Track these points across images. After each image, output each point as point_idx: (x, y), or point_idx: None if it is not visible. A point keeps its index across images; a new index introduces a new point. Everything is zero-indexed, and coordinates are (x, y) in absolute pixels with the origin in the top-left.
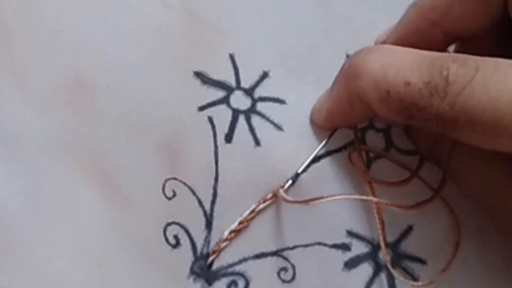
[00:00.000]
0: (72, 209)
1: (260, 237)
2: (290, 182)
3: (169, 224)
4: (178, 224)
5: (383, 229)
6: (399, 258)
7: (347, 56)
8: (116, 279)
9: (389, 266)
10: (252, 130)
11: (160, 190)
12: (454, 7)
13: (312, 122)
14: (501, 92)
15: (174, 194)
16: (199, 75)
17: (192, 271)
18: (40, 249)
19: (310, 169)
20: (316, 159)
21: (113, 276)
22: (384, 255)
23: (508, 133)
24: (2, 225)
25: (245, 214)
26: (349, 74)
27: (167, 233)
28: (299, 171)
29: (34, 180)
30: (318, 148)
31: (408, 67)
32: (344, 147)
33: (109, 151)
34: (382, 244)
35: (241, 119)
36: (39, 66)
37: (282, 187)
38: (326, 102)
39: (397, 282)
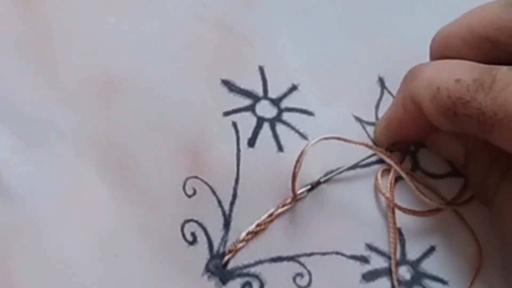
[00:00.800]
0: (92, 200)
1: (277, 240)
2: (309, 186)
3: (187, 221)
4: (196, 221)
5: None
6: (420, 277)
7: (379, 78)
8: (131, 270)
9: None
10: (276, 136)
11: (181, 188)
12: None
13: (374, 136)
14: None
15: (194, 192)
16: (226, 83)
17: (207, 269)
18: (58, 237)
19: (333, 179)
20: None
21: (128, 267)
22: (393, 260)
23: None
24: (24, 214)
25: (263, 217)
26: (407, 78)
27: (185, 230)
28: (322, 179)
29: (58, 171)
30: (345, 167)
31: (462, 68)
32: (374, 163)
33: (133, 147)
34: (393, 248)
35: (266, 126)
36: (72, 65)
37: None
38: (386, 113)
39: None
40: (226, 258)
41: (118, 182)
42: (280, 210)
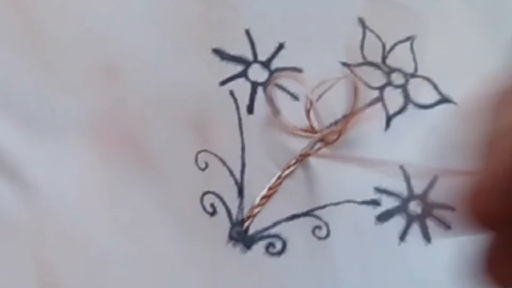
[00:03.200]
0: (113, 185)
1: (290, 200)
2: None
3: (205, 193)
4: (213, 193)
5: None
6: (430, 208)
7: (359, 19)
8: (159, 248)
9: None
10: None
11: (193, 162)
12: None
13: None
14: None
15: (207, 166)
16: (217, 51)
17: (231, 237)
18: (85, 222)
19: None
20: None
21: (156, 246)
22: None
23: None
24: (47, 203)
25: (272, 180)
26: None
27: (204, 202)
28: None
29: (74, 160)
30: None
31: None
32: (363, 108)
33: (142, 128)
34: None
35: (260, 90)
36: (71, 55)
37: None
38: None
39: (430, 230)
40: (246, 224)
41: (135, 164)
42: (287, 172)
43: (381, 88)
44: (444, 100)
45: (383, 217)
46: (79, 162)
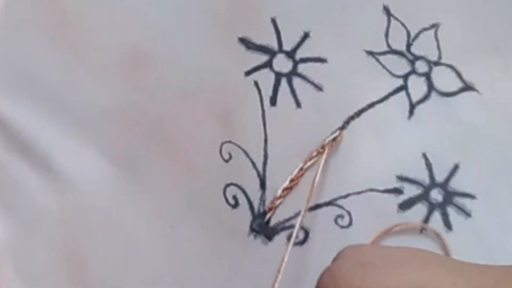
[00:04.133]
0: (144, 174)
1: (312, 191)
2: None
3: (227, 185)
4: (236, 185)
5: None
6: (450, 196)
7: (384, 7)
8: (184, 239)
9: None
10: (293, 92)
11: (218, 153)
12: None
13: None
14: None
15: (230, 157)
16: (243, 41)
17: (252, 229)
18: (112, 212)
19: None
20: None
21: (181, 236)
22: None
23: None
24: (80, 194)
25: (294, 172)
26: None
27: (227, 194)
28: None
29: (105, 150)
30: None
31: None
32: (386, 97)
33: (168, 117)
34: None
35: (284, 81)
36: (100, 44)
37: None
38: None
39: (451, 218)
40: (267, 216)
41: (160, 154)
42: (308, 164)
43: (405, 76)
44: (468, 87)
45: (405, 205)
46: (106, 151)
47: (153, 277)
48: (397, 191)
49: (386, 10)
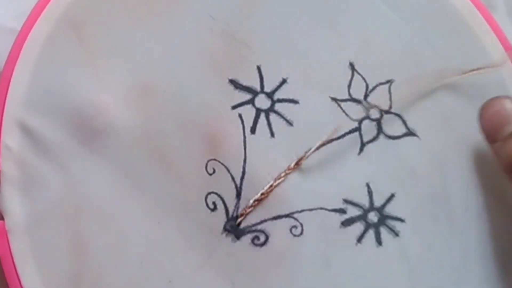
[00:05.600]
0: (141, 181)
1: (276, 204)
2: (295, 162)
3: (209, 193)
4: (216, 194)
5: None
6: (384, 218)
7: (350, 63)
8: (169, 233)
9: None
10: (269, 124)
11: (204, 168)
12: None
13: None
14: None
15: (214, 171)
16: (232, 82)
17: (225, 229)
18: (113, 208)
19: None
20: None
21: (167, 231)
22: None
23: None
24: (84, 189)
25: (265, 188)
26: None
27: (208, 200)
28: (306, 155)
29: (111, 158)
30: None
31: None
32: (343, 136)
33: (167, 140)
34: None
35: (262, 116)
36: (117, 77)
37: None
38: None
39: (382, 236)
40: (239, 220)
41: (157, 167)
42: (277, 182)
43: (360, 121)
44: (410, 133)
45: (346, 223)
46: (111, 162)
47: (140, 260)
48: (342, 211)
49: (351, 65)
